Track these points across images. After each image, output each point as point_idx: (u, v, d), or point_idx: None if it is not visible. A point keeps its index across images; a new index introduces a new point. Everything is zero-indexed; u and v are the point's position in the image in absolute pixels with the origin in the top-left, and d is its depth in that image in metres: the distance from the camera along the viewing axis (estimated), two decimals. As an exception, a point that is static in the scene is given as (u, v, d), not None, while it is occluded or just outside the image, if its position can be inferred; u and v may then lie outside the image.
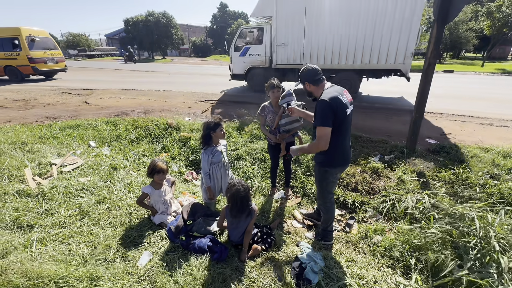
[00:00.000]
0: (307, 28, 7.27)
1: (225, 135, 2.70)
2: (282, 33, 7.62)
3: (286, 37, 7.64)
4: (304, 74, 2.04)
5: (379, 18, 6.48)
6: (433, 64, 3.22)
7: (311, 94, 2.09)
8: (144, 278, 1.88)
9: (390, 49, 6.64)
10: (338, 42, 7.09)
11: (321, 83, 2.01)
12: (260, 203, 3.01)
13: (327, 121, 1.84)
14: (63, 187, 2.82)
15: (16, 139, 4.10)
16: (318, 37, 7.26)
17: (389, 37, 6.54)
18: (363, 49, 6.90)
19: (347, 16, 6.76)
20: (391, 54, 6.67)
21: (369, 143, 4.06)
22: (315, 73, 2.00)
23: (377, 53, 6.81)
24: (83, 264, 1.93)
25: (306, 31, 7.31)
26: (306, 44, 7.47)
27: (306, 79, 2.03)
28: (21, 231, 2.26)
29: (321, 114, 1.87)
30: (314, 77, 2.00)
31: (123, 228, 2.36)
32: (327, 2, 6.85)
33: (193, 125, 4.78)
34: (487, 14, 19.45)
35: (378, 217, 2.82)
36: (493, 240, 1.91)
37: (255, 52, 8.41)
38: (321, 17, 7.05)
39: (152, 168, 2.49)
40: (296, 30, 7.42)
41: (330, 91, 1.93)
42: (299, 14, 7.20)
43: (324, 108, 1.85)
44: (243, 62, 8.68)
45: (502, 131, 4.67)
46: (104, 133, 4.67)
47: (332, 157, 2.06)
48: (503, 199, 2.54)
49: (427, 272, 2.01)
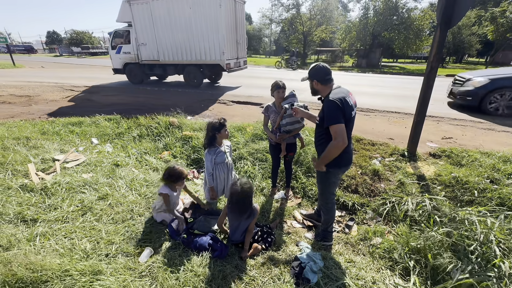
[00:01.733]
0: (156, 31, 9.15)
1: (229, 135, 2.72)
2: (141, 35, 9.44)
3: (144, 38, 9.46)
4: (315, 71, 2.00)
5: (197, 26, 8.49)
6: (435, 68, 3.23)
7: (317, 93, 2.05)
8: (145, 274, 1.91)
9: (210, 49, 8.66)
10: (178, 42, 9.00)
11: (329, 83, 1.98)
12: (260, 202, 3.03)
13: (339, 118, 1.82)
14: (66, 183, 2.85)
15: (19, 134, 4.15)
16: (165, 38, 9.13)
17: (208, 40, 8.57)
18: (194, 48, 8.88)
19: (177, 23, 8.73)
20: (212, 53, 8.68)
21: (370, 146, 4.07)
22: (326, 72, 1.97)
23: (203, 52, 8.80)
24: (85, 258, 1.95)
25: (156, 33, 9.19)
26: (158, 43, 9.34)
27: (316, 77, 1.99)
28: (25, 225, 2.29)
29: (331, 113, 1.84)
30: (325, 77, 1.96)
31: (125, 225, 2.39)
32: (163, 12, 8.77)
33: (195, 124, 4.81)
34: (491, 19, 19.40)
35: (377, 219, 2.84)
36: (494, 245, 1.92)
37: (126, 50, 10.08)
38: (162, 22, 8.95)
39: (178, 176, 2.43)
40: (150, 32, 9.27)
41: (337, 91, 1.92)
42: (149, 19, 9.06)
43: (334, 108, 1.83)
44: (119, 58, 10.40)
45: (503, 136, 4.67)
46: (107, 130, 4.70)
47: (335, 158, 2.07)
48: (503, 204, 2.55)
49: (426, 275, 2.03)
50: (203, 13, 8.23)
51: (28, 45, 42.89)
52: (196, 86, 9.66)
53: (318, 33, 25.70)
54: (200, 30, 8.50)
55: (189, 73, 9.57)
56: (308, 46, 27.38)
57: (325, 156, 1.97)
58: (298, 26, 25.84)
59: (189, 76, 9.65)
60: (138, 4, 8.93)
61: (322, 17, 26.98)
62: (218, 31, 8.23)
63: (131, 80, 10.68)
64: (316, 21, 26.03)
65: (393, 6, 20.97)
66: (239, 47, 9.71)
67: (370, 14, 22.81)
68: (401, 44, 21.97)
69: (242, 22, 9.47)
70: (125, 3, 9.12)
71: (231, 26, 8.73)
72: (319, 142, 2.12)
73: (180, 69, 9.67)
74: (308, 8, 26.80)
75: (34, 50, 38.33)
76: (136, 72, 10.34)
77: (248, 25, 44.99)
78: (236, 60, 9.59)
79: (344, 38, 24.91)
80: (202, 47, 8.73)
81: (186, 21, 8.55)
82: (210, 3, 8.03)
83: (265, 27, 40.92)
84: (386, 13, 21.17)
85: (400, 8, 21.26)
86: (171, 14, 8.68)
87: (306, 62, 25.52)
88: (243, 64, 10.32)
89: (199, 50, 8.84)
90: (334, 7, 30.08)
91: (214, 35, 8.37)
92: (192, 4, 8.25)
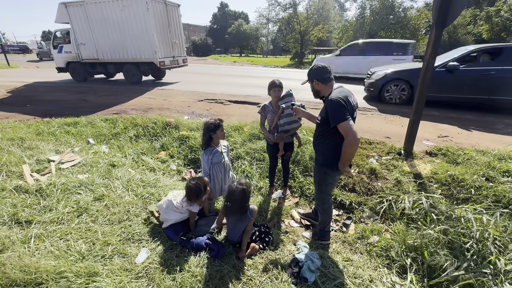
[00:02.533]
0: (93, 31, 9.73)
1: (225, 135, 2.71)
2: (79, 35, 10.00)
3: (83, 38, 10.02)
4: (313, 71, 2.00)
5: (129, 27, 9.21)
6: (431, 67, 3.25)
7: (319, 93, 2.04)
8: (142, 275, 1.89)
9: (144, 48, 9.40)
10: (114, 42, 9.64)
11: (330, 82, 1.97)
12: (258, 202, 3.03)
13: (345, 115, 1.78)
14: (61, 184, 2.82)
15: (14, 135, 4.10)
16: (102, 38, 9.74)
17: (140, 40, 9.28)
18: (129, 48, 9.59)
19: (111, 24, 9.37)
20: (145, 52, 9.44)
21: (367, 144, 4.08)
22: (324, 71, 1.95)
23: (138, 50, 9.54)
24: (81, 260, 1.93)
25: (93, 33, 9.77)
26: (96, 43, 9.93)
27: (315, 77, 1.98)
28: (19, 227, 2.26)
29: (336, 112, 1.80)
30: (324, 75, 1.95)
31: (121, 225, 2.36)
32: (97, 13, 9.38)
33: (192, 124, 4.78)
34: (486, 18, 19.57)
35: (375, 218, 2.85)
36: (489, 242, 1.94)
37: (67, 50, 10.59)
38: (97, 23, 9.51)
39: (204, 187, 2.28)
40: (88, 33, 9.83)
41: (339, 91, 1.90)
42: (85, 21, 9.62)
43: (338, 106, 1.80)
44: (61, 57, 10.88)
45: (499, 134, 4.72)
46: (103, 130, 4.66)
47: (334, 159, 2.03)
48: (498, 201, 2.57)
49: (423, 272, 2.04)
50: (133, 16, 9.00)
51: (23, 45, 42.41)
52: (135, 82, 10.30)
53: (315, 33, 25.73)
54: (132, 31, 9.26)
55: (127, 71, 10.24)
56: (305, 45, 27.41)
57: (343, 158, 1.92)
58: (295, 26, 25.85)
59: (128, 73, 10.31)
60: (74, 7, 9.51)
61: (319, 17, 27.03)
62: (148, 32, 9.00)
63: (75, 78, 11.12)
64: (313, 20, 26.06)
65: (390, 5, 21.09)
66: (176, 46, 10.51)
67: (366, 14, 22.93)
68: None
69: (177, 24, 10.33)
70: (62, 5, 9.63)
71: (163, 27, 9.56)
72: (319, 141, 2.12)
73: (120, 67, 10.30)
74: (305, 8, 26.83)
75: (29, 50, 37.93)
76: (79, 70, 10.83)
77: (245, 25, 44.90)
78: (173, 58, 10.40)
79: (341, 37, 25.00)
80: (136, 46, 9.48)
81: (119, 23, 9.29)
82: (138, 7, 8.79)
83: (262, 27, 40.85)
84: (382, 12, 21.28)
85: (397, 7, 21.39)
86: (105, 16, 9.35)
87: (303, 61, 25.55)
88: (182, 62, 11.12)
89: (134, 49, 9.59)
90: (331, 6, 30.14)
91: (145, 36, 9.12)
92: (123, 7, 8.99)
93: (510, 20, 17.96)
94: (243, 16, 52.36)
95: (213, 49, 50.86)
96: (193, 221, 2.38)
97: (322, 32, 25.81)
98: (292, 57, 28.85)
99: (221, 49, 50.25)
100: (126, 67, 10.17)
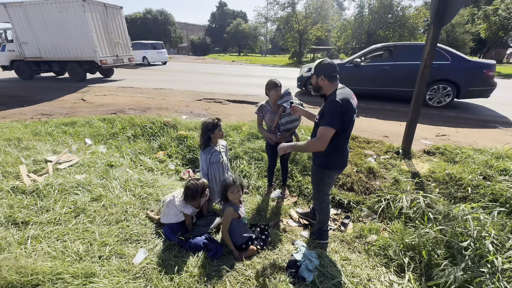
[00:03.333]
0: (34, 31, 10.02)
1: (223, 135, 2.70)
2: (21, 34, 10.27)
3: (24, 37, 10.30)
4: (322, 66, 1.92)
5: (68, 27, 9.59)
6: (429, 66, 3.26)
7: (320, 89, 1.97)
8: (140, 275, 1.88)
9: (84, 47, 9.82)
10: (56, 41, 9.99)
11: (335, 81, 1.92)
12: (256, 202, 3.02)
13: (334, 122, 1.78)
14: (58, 184, 2.80)
15: (11, 135, 4.07)
16: (43, 37, 10.05)
17: (80, 39, 9.69)
18: (70, 47, 9.99)
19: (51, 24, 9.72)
20: (86, 51, 9.87)
21: (365, 144, 4.09)
22: (334, 69, 1.90)
23: (79, 49, 9.96)
24: (78, 261, 1.92)
25: (34, 33, 10.07)
26: (38, 42, 10.23)
27: (323, 73, 1.90)
28: (16, 228, 2.25)
29: (329, 114, 1.80)
30: (332, 73, 1.89)
31: (119, 226, 2.36)
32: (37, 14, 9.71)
33: (190, 123, 4.77)
34: (484, 17, 19.63)
35: (373, 217, 2.85)
36: (487, 241, 1.94)
37: (11, 48, 10.89)
38: (38, 23, 9.83)
39: (203, 189, 2.28)
40: (29, 32, 10.10)
41: (342, 92, 1.86)
42: (26, 21, 9.90)
43: (335, 109, 1.78)
44: (5, 56, 11.20)
45: (496, 133, 4.74)
46: (101, 130, 4.64)
47: (332, 159, 2.05)
48: (496, 200, 2.58)
49: (420, 271, 2.04)
50: (72, 17, 9.45)
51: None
52: (80, 80, 10.75)
53: (313, 32, 25.71)
54: (72, 31, 9.68)
55: (71, 69, 10.69)
56: (304, 44, 27.40)
57: (297, 146, 2.05)
58: (294, 25, 25.82)
59: (72, 71, 10.75)
60: (14, 7, 9.79)
61: (317, 16, 26.98)
62: (87, 32, 9.48)
63: (20, 76, 11.36)
64: (311, 19, 26.02)
65: (388, 4, 21.10)
66: (119, 46, 11.07)
67: (365, 13, 22.92)
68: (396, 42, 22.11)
69: (119, 25, 10.90)
70: (1, 5, 9.95)
71: (103, 28, 10.06)
72: None
73: (63, 65, 10.74)
74: (303, 7, 26.79)
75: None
76: (24, 68, 11.12)
77: (244, 24, 44.81)
78: (116, 57, 10.94)
79: (339, 36, 25.01)
80: (77, 45, 9.90)
81: (58, 23, 9.67)
82: (76, 9, 9.25)
83: (261, 26, 40.78)
84: (381, 11, 21.29)
85: (395, 6, 21.40)
86: (44, 17, 9.71)
87: (302, 60, 25.54)
88: (127, 61, 11.71)
89: (75, 48, 10.00)
90: (329, 5, 30.09)
91: (84, 36, 9.59)
92: (61, 9, 9.42)
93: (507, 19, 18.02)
94: (241, 15, 52.25)
95: (212, 48, 50.76)
96: (189, 222, 2.37)
97: (321, 31, 25.80)
98: (290, 56, 28.84)
99: (219, 48, 50.16)
100: (69, 65, 10.61)
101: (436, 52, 6.63)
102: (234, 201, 2.22)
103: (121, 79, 11.38)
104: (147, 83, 10.33)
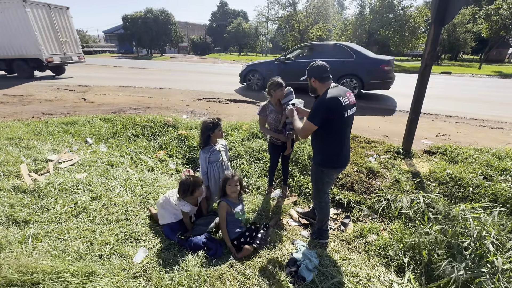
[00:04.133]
0: None
1: (223, 134, 2.70)
2: None
3: None
4: (312, 69, 2.01)
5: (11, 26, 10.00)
6: (429, 66, 3.24)
7: (315, 91, 2.07)
8: (140, 274, 1.89)
9: (29, 46, 10.22)
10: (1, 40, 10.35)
11: (327, 81, 1.99)
12: (256, 201, 3.02)
13: (316, 119, 1.91)
14: (59, 184, 2.81)
15: (11, 134, 4.08)
16: None
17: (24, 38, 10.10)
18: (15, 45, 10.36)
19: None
20: (31, 49, 10.26)
21: (365, 143, 4.08)
22: (323, 70, 1.97)
23: (24, 48, 10.35)
24: (78, 260, 1.93)
25: None
26: None
27: (313, 75, 2.00)
28: (17, 226, 2.25)
29: (314, 111, 1.93)
30: (322, 74, 1.97)
31: (119, 225, 2.36)
32: None
33: (190, 123, 4.77)
34: (485, 17, 19.55)
35: (373, 217, 2.85)
36: (488, 242, 1.94)
37: None
38: None
39: (194, 184, 2.26)
40: None
41: (332, 91, 1.92)
42: None
43: (320, 106, 1.90)
44: None
45: (497, 133, 4.72)
46: (101, 130, 4.65)
47: (329, 157, 2.08)
48: (496, 200, 2.57)
49: (420, 271, 2.04)
50: (14, 17, 9.86)
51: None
52: (27, 77, 11.13)
53: (314, 31, 25.68)
54: (15, 30, 10.09)
55: (18, 66, 11.05)
56: (305, 44, 27.36)
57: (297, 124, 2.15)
58: (295, 24, 25.80)
59: (18, 69, 11.12)
60: None
61: (318, 15, 26.96)
62: (30, 31, 9.88)
63: None
64: (312, 19, 26.01)
65: (389, 3, 21.03)
66: (67, 44, 11.43)
67: (366, 12, 22.84)
68: (396, 41, 22.08)
69: (66, 25, 11.27)
70: None
71: (48, 27, 10.45)
72: (316, 141, 2.15)
73: (10, 63, 11.05)
74: (304, 6, 26.77)
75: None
76: None
77: (244, 23, 44.74)
78: (64, 55, 11.30)
79: (340, 35, 24.92)
80: (21, 43, 10.31)
81: (1, 23, 10.04)
82: (17, 9, 9.67)
83: (261, 25, 40.75)
84: (382, 10, 21.22)
85: (396, 5, 21.33)
86: None
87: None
88: (77, 59, 12.12)
89: (19, 46, 10.40)
90: (330, 4, 30.03)
91: (28, 35, 9.97)
92: (2, 9, 9.84)
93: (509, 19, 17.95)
94: (242, 14, 52.20)
95: (212, 47, 50.75)
96: (187, 220, 2.38)
97: (322, 30, 25.77)
98: (291, 56, 28.72)
99: (220, 47, 50.16)
100: (16, 63, 11.00)
101: (343, 50, 7.30)
102: (232, 195, 2.26)
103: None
104: (147, 82, 10.33)
